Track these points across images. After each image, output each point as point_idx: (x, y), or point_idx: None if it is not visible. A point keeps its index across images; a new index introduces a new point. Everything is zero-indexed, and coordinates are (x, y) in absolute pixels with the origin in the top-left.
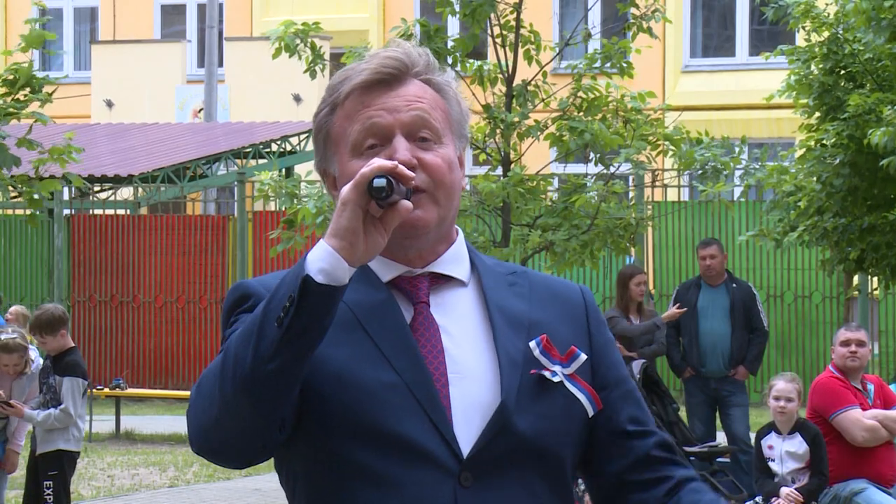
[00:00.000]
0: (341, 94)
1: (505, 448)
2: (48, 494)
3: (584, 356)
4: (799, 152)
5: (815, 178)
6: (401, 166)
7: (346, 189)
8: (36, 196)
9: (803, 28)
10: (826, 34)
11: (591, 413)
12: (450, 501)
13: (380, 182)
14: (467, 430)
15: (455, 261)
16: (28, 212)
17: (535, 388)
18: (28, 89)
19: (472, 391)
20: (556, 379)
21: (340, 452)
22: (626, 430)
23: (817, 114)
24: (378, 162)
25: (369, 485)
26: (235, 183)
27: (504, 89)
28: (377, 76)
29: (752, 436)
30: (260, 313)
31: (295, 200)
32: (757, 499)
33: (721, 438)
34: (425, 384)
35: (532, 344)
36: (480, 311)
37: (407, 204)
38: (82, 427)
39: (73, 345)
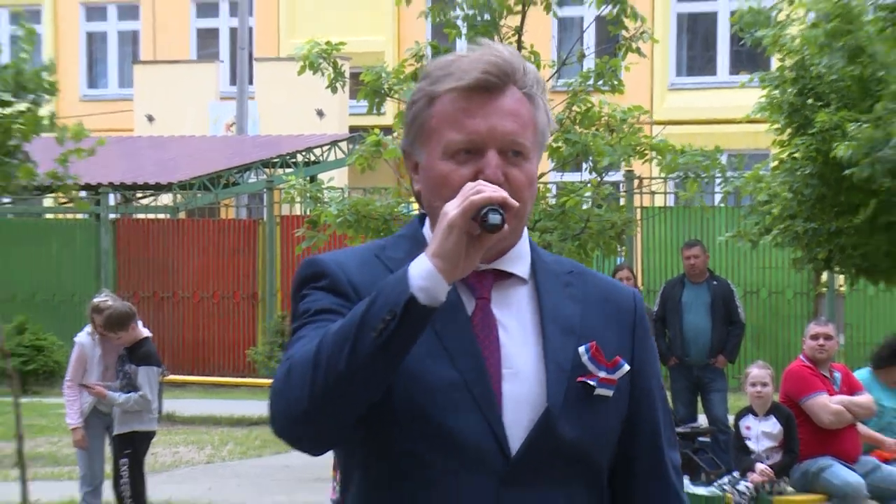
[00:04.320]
0: (440, 89)
1: (548, 451)
2: (123, 471)
3: (626, 367)
4: (773, 164)
5: (787, 187)
6: (509, 198)
7: (453, 214)
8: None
9: (776, 55)
10: (794, 59)
11: (608, 394)
12: (492, 499)
13: (495, 219)
14: (516, 428)
15: (518, 259)
16: (70, 215)
17: (581, 396)
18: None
19: (522, 390)
20: (600, 391)
21: (400, 442)
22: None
23: (788, 130)
24: (488, 191)
25: (418, 475)
26: (264, 190)
27: None
28: (480, 83)
29: (731, 418)
30: (357, 320)
31: (318, 204)
32: (734, 473)
33: (702, 420)
34: (483, 384)
35: (581, 349)
36: (535, 310)
37: (504, 232)
38: (155, 409)
39: (145, 335)
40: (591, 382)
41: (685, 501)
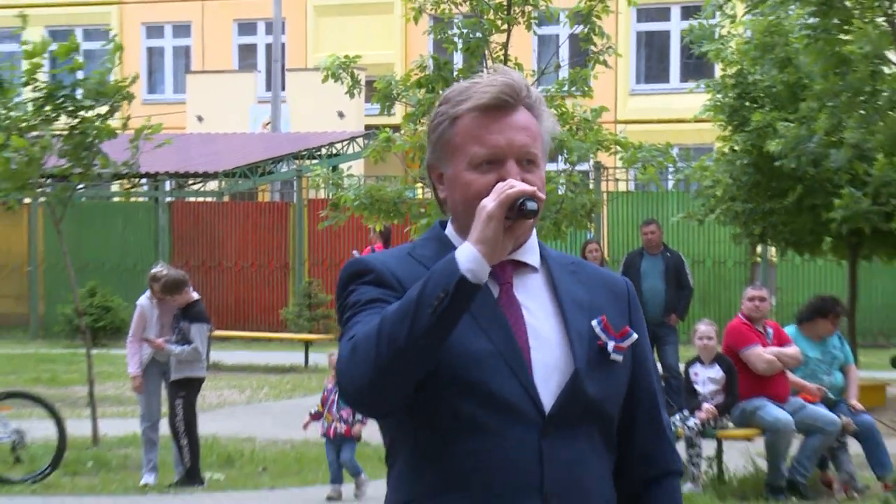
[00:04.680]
0: (461, 110)
1: (577, 407)
2: (178, 410)
3: (635, 335)
4: (716, 156)
5: (728, 175)
6: (538, 192)
7: (492, 206)
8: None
9: (718, 65)
10: (735, 69)
11: (617, 359)
12: (535, 449)
13: (532, 206)
14: (546, 390)
15: (530, 251)
16: (134, 199)
17: (598, 360)
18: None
19: (548, 357)
20: (614, 356)
21: (449, 406)
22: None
23: (729, 128)
24: (519, 186)
25: (472, 433)
26: (294, 177)
27: None
28: (497, 102)
29: (682, 366)
30: (414, 300)
31: (339, 189)
32: (685, 412)
33: (658, 368)
34: (515, 353)
35: (594, 322)
36: (550, 293)
37: (531, 222)
38: (205, 359)
39: (196, 298)
40: (609, 349)
41: (676, 451)
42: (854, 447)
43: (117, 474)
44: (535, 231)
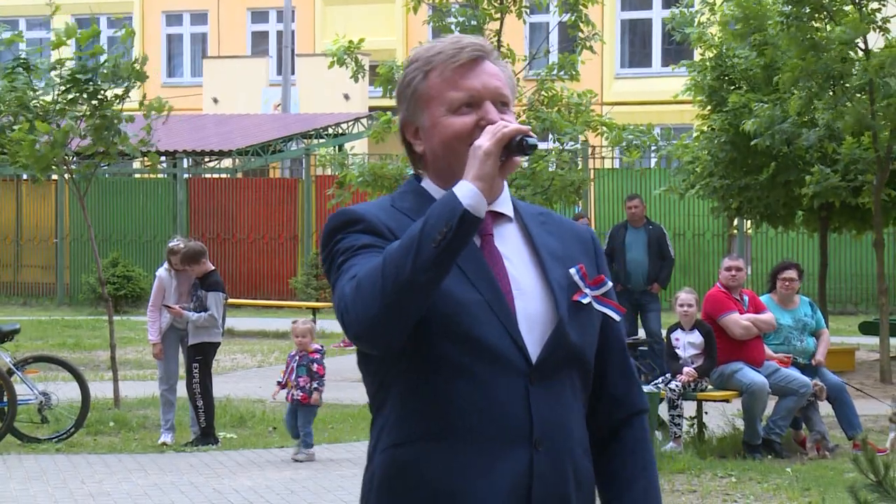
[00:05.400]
0: (435, 63)
1: (561, 356)
2: (195, 373)
3: (610, 284)
4: (695, 134)
5: (706, 152)
6: (530, 131)
7: (488, 144)
8: (159, 158)
9: (699, 48)
10: (714, 52)
11: (617, 319)
12: (523, 394)
13: (533, 141)
14: (531, 339)
15: (505, 202)
16: (153, 175)
17: (577, 308)
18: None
19: (531, 307)
20: (585, 301)
21: (439, 352)
22: (620, 406)
23: (708, 107)
24: (514, 125)
25: (461, 379)
26: (303, 156)
27: None
28: (472, 55)
29: (664, 332)
30: (417, 236)
31: (344, 167)
32: (666, 375)
33: (641, 334)
34: (500, 301)
35: (572, 271)
36: (526, 244)
37: (521, 161)
38: (221, 325)
39: (213, 268)
40: (584, 300)
41: (642, 390)
42: (825, 408)
43: (137, 434)
44: (506, 183)
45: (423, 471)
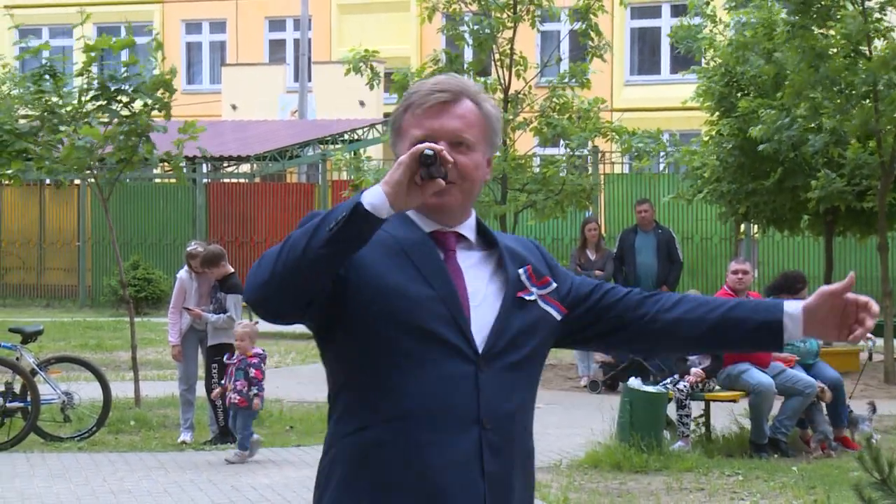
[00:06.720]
0: (412, 101)
1: (504, 342)
2: (214, 372)
3: (554, 284)
4: (704, 140)
5: (714, 158)
6: (445, 151)
7: (403, 156)
8: (181, 165)
9: (707, 55)
10: (724, 59)
11: (558, 318)
12: (473, 379)
13: (428, 152)
14: (479, 336)
15: (470, 228)
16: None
17: (521, 304)
18: (163, 90)
19: (485, 313)
20: (530, 298)
21: (388, 341)
22: (640, 298)
23: (717, 113)
24: (431, 143)
25: (416, 366)
26: (320, 161)
27: (502, 96)
28: (441, 98)
29: None
30: (318, 222)
31: (359, 172)
32: (675, 376)
33: None
34: (454, 299)
35: (521, 271)
36: (485, 261)
37: (441, 182)
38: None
39: (232, 270)
40: (528, 297)
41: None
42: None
43: (157, 432)
44: (474, 213)
45: (386, 451)
